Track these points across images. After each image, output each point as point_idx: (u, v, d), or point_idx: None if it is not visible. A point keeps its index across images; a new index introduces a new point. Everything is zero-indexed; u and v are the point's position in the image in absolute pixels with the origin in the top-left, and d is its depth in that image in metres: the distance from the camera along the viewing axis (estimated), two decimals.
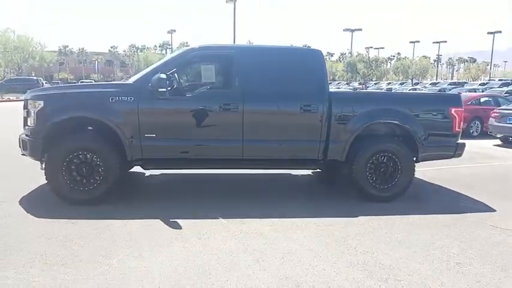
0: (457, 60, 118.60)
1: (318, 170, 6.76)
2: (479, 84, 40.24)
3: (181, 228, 4.38)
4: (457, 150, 5.92)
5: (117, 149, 5.14)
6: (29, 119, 5.21)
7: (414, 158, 5.73)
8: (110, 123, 5.04)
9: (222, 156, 5.45)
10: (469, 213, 5.21)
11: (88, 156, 5.04)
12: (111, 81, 58.32)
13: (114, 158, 5.11)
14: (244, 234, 4.29)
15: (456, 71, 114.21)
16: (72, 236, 4.10)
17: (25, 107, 5.28)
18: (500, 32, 48.03)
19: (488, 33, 48.13)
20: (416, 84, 48.43)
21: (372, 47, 70.24)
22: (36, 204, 5.08)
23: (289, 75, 5.52)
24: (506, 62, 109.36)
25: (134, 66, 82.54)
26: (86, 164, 5.07)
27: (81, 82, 43.80)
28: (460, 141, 5.93)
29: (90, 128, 5.26)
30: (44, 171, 5.06)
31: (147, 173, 6.63)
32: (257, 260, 3.67)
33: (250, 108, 5.26)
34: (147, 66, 6.45)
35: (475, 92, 25.95)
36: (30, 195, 5.46)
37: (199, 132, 5.27)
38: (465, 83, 46.04)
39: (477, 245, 4.18)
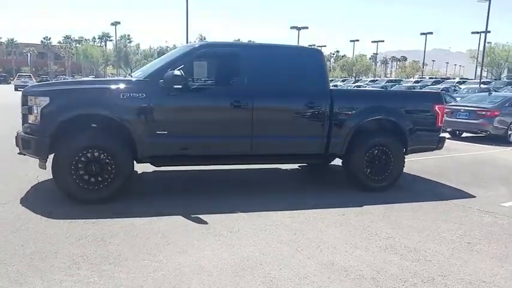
0: (390, 59, 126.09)
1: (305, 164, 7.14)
2: (414, 82, 43.18)
3: (207, 223, 4.45)
4: (439, 143, 6.54)
5: (127, 146, 5.06)
6: (30, 116, 4.96)
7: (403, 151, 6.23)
8: (122, 120, 4.95)
9: (231, 152, 5.57)
10: (454, 200, 5.78)
11: (98, 154, 4.92)
12: (60, 75, 54.20)
13: (125, 155, 5.03)
14: (270, 226, 4.46)
15: (389, 69, 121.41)
16: (102, 235, 4.03)
17: (25, 103, 5.02)
18: (431, 33, 51.87)
19: (421, 34, 51.75)
20: (358, 81, 50.84)
21: (315, 45, 72.45)
22: (41, 204, 4.85)
23: (293, 73, 5.77)
24: (434, 61, 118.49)
25: (71, 59, 78.13)
26: (95, 163, 4.94)
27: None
28: (441, 135, 6.54)
29: (97, 125, 5.10)
30: (43, 169, 4.94)
31: (139, 170, 6.54)
32: (297, 249, 3.88)
33: (259, 105, 5.42)
34: (88, 59, 6.36)
35: (414, 89, 27.86)
36: (29, 195, 5.20)
37: (210, 129, 5.35)
38: (401, 80, 49.11)
39: (475, 227, 4.71)
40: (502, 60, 49.12)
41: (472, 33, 50.05)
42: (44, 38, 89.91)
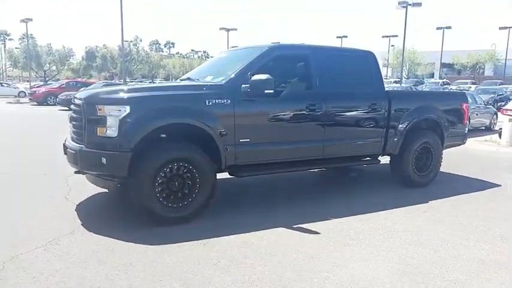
0: None
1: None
2: None
3: (320, 233, 4.27)
4: (464, 139, 7.06)
5: (212, 157, 4.67)
6: (99, 129, 4.32)
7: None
8: (209, 129, 4.55)
9: (306, 157, 5.42)
10: (489, 189, 6.27)
11: (184, 167, 4.46)
12: None
13: (210, 167, 4.63)
14: (379, 230, 4.42)
15: None
16: (218, 258, 3.62)
17: (91, 112, 4.35)
18: (346, 36, 55.34)
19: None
20: None
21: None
22: (110, 228, 4.27)
23: (354, 75, 5.81)
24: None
25: None
26: (179, 177, 4.48)
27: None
28: (465, 131, 7.07)
29: (181, 135, 4.62)
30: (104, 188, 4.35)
31: None
32: (434, 250, 3.91)
33: (330, 108, 5.36)
34: None
35: None
36: (84, 219, 4.53)
37: (289, 134, 5.17)
38: None
39: None
40: (408, 61, 54.21)
41: (383, 37, 54.90)
42: None
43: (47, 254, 3.62)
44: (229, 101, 4.68)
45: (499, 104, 21.07)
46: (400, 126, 6.02)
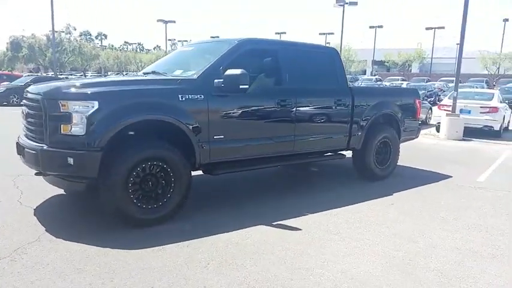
0: None
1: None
2: None
3: (302, 229, 4.27)
4: (417, 133, 7.46)
5: (186, 155, 4.47)
6: (64, 126, 3.94)
7: None
8: (183, 125, 4.35)
9: (278, 153, 5.39)
10: (442, 181, 6.69)
11: (158, 165, 4.23)
12: None
13: (185, 165, 4.44)
14: (362, 223, 4.53)
15: None
16: (207, 260, 3.50)
17: (54, 109, 3.96)
18: (285, 33, 56.38)
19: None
20: None
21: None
22: (82, 233, 3.96)
23: (320, 71, 5.88)
24: None
25: None
26: (153, 176, 4.25)
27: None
28: (418, 126, 7.47)
29: (153, 132, 4.35)
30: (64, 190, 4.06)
31: None
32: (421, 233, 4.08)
33: (300, 103, 5.37)
34: None
35: None
36: (50, 224, 4.15)
37: (261, 130, 5.10)
38: None
39: (485, 203, 5.55)
40: (343, 58, 56.48)
41: (320, 34, 56.62)
42: None
43: (15, 265, 3.25)
44: (202, 96, 4.51)
45: (429, 99, 22.62)
46: (362, 121, 6.20)
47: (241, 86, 4.57)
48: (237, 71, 4.53)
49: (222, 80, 4.56)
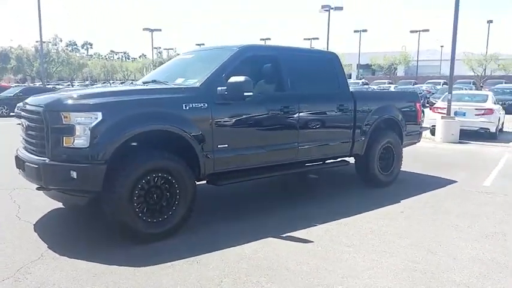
0: None
1: None
2: None
3: (313, 242, 4.10)
4: (419, 137, 7.40)
5: (190, 165, 4.32)
6: (66, 138, 3.75)
7: None
8: (187, 135, 4.18)
9: (282, 161, 5.24)
10: (448, 186, 6.57)
11: (163, 177, 4.07)
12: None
13: (190, 176, 4.28)
14: (375, 233, 4.38)
15: None
16: (220, 278, 3.31)
17: (55, 121, 3.78)
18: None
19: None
20: None
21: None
22: (87, 250, 3.72)
23: (321, 76, 5.78)
24: None
25: None
26: (157, 188, 4.07)
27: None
28: (420, 130, 7.40)
29: (157, 143, 4.19)
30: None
31: None
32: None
33: (303, 110, 5.25)
34: None
35: None
36: (50, 241, 3.94)
37: (264, 137, 4.96)
38: None
39: (497, 209, 5.45)
40: None
41: (304, 39, 56.85)
42: None
43: (19, 286, 3.04)
44: (206, 105, 4.35)
45: None
46: (365, 126, 6.08)
47: (245, 93, 4.43)
48: (241, 78, 4.40)
49: (225, 87, 4.42)
